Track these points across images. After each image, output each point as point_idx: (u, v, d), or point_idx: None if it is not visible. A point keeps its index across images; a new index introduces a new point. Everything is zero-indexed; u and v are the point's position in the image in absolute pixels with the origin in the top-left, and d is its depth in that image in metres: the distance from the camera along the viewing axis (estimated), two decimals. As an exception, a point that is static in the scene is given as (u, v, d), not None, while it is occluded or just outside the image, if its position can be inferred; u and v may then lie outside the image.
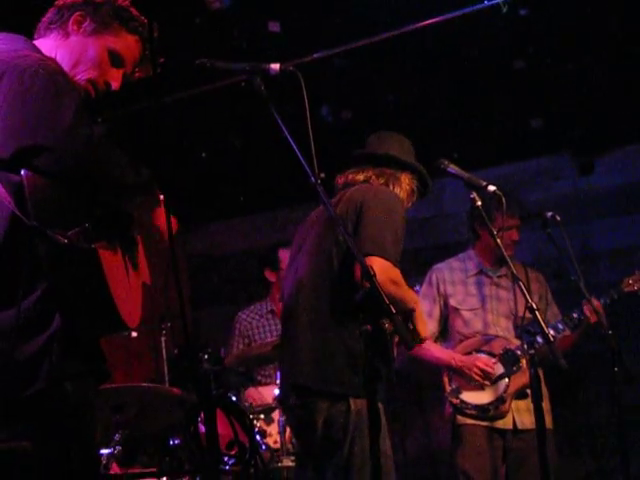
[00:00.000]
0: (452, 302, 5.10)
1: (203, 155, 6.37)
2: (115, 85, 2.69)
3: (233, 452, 3.66)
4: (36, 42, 2.66)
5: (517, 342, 4.89)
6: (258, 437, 4.81)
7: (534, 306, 3.37)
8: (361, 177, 3.65)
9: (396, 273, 3.32)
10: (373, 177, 3.64)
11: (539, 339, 4.41)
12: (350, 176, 3.69)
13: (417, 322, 3.39)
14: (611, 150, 6.36)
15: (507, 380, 4.87)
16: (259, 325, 6.05)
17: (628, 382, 4.19)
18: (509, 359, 4.87)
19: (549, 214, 4.59)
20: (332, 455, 3.32)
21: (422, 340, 3.42)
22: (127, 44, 2.70)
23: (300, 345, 3.42)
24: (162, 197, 2.67)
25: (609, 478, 5.89)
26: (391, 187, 3.61)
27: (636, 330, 5.89)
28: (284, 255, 6.01)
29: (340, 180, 3.73)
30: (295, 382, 3.42)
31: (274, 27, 5.08)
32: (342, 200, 3.55)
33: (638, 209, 6.25)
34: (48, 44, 2.65)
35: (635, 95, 5.64)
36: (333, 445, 3.31)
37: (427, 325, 5.01)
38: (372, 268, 2.59)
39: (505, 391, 4.85)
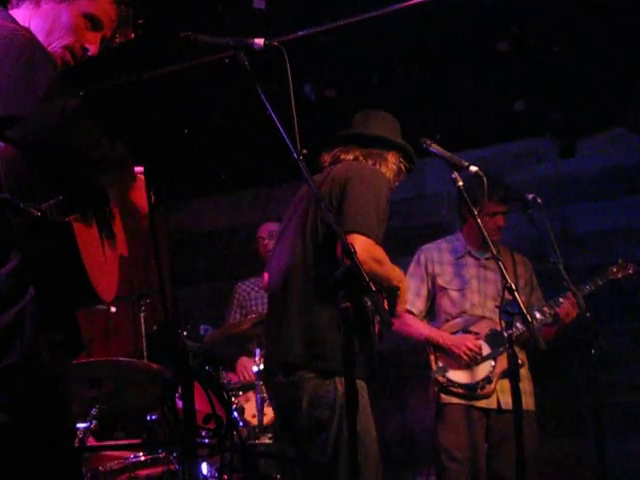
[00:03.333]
0: (440, 282, 5.14)
1: (185, 131, 6.34)
2: (93, 50, 2.65)
3: (210, 426, 3.66)
4: (10, 12, 2.63)
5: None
6: (236, 414, 4.82)
7: (513, 286, 3.38)
8: (350, 157, 3.64)
9: (379, 251, 3.31)
10: (361, 157, 3.63)
11: (517, 320, 4.44)
12: (337, 154, 3.67)
13: (398, 300, 3.39)
14: (593, 133, 6.38)
15: (493, 361, 4.90)
16: (257, 297, 6.08)
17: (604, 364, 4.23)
18: (495, 340, 4.90)
19: (530, 196, 4.60)
20: (317, 434, 3.29)
21: (396, 317, 3.43)
22: (101, 6, 2.65)
23: (288, 322, 3.39)
24: (141, 171, 2.66)
25: (585, 459, 5.95)
26: (378, 167, 3.60)
27: (614, 313, 5.94)
28: (262, 227, 6.09)
29: (326, 158, 3.71)
30: (283, 359, 3.40)
31: (259, 3, 5.04)
32: (328, 178, 3.54)
33: (619, 193, 6.28)
34: (21, 14, 2.61)
35: (617, 79, 5.65)
36: (318, 424, 3.28)
37: (415, 304, 5.06)
38: (353, 245, 2.59)
39: (492, 371, 4.89)
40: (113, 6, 2.68)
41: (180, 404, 3.92)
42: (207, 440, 3.93)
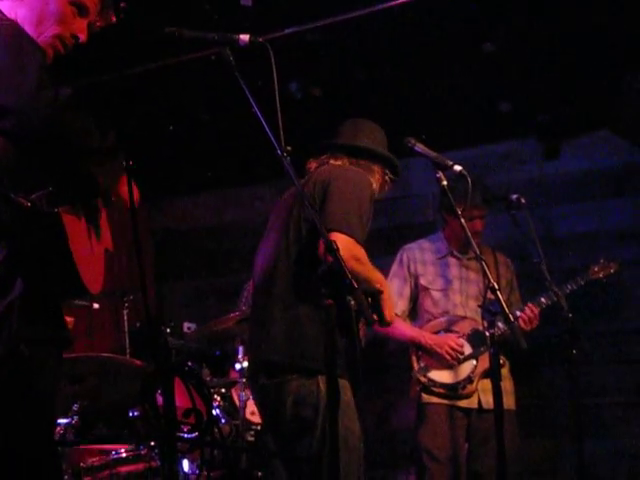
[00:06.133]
0: (422, 281, 5.15)
1: (171, 128, 6.32)
2: (83, 37, 2.64)
3: (190, 421, 3.65)
4: None
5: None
6: (218, 411, 4.82)
7: (495, 286, 3.39)
8: (338, 163, 3.65)
9: (360, 251, 3.31)
10: (348, 165, 3.64)
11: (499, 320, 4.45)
12: (325, 161, 3.68)
13: (384, 304, 3.37)
14: (577, 135, 6.40)
15: (475, 361, 4.92)
16: None
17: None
18: (477, 340, 4.92)
19: (514, 196, 4.62)
20: (302, 435, 3.29)
21: (388, 324, 3.41)
22: None
23: (271, 321, 3.39)
24: (127, 165, 2.65)
25: (564, 459, 5.97)
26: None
27: (595, 313, 5.96)
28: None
29: (313, 164, 3.71)
30: (266, 359, 3.39)
31: (246, 1, 5.04)
32: (311, 179, 3.55)
33: (602, 195, 6.31)
34: (6, 5, 2.59)
35: (602, 81, 5.67)
36: (303, 425, 3.28)
37: (397, 304, 5.06)
38: (335, 243, 2.60)
39: (473, 371, 4.91)
40: None
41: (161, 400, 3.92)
42: (186, 435, 3.93)
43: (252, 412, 4.97)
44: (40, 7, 2.58)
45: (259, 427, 4.90)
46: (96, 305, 4.93)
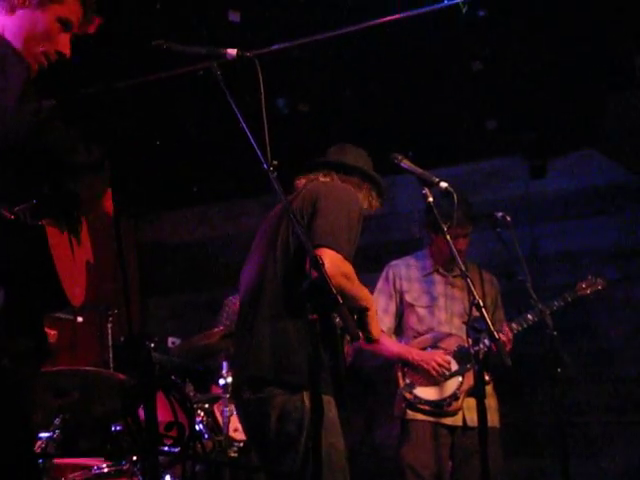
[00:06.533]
0: (407, 298, 5.14)
1: (157, 143, 6.32)
2: (67, 52, 2.66)
3: (172, 434, 3.64)
4: None
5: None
6: (201, 426, 4.80)
7: (480, 303, 3.39)
8: (327, 179, 3.65)
9: (348, 267, 3.27)
10: (337, 182, 3.64)
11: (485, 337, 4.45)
12: (313, 178, 3.67)
13: (371, 322, 3.35)
14: (563, 154, 6.43)
15: (460, 378, 4.91)
16: None
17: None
18: (463, 357, 4.91)
19: (499, 214, 4.63)
20: (286, 451, 3.25)
21: (374, 341, 3.41)
22: (71, 7, 2.66)
23: (257, 335, 3.36)
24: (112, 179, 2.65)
25: (549, 477, 5.97)
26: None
27: (579, 331, 5.98)
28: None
29: (302, 181, 3.71)
30: (250, 374, 3.36)
31: (234, 17, 5.05)
32: (299, 195, 3.54)
33: (588, 213, 6.34)
34: None
35: (588, 100, 5.71)
36: (288, 441, 3.24)
37: (383, 320, 5.06)
38: (321, 258, 2.59)
39: (459, 388, 4.90)
40: (80, 6, 2.69)
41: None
42: (167, 448, 3.90)
43: (235, 429, 4.94)
44: (29, 25, 2.59)
45: (242, 444, 4.87)
46: (80, 318, 4.91)
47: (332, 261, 3.12)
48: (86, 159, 2.41)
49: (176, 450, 3.77)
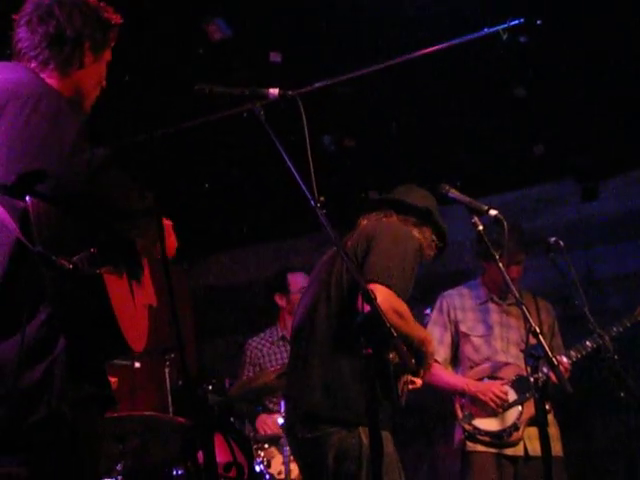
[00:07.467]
0: (462, 328, 5.10)
1: (206, 186, 6.38)
2: (104, 84, 2.74)
3: (231, 474, 3.63)
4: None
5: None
6: (262, 467, 4.77)
7: (537, 329, 3.35)
8: (386, 219, 3.64)
9: (400, 304, 3.26)
10: (396, 221, 3.63)
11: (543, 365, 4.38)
12: (375, 217, 3.67)
13: (426, 363, 3.38)
14: (614, 176, 6.36)
15: (520, 407, 4.84)
16: (270, 352, 5.94)
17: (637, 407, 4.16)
18: (522, 386, 4.84)
19: (552, 239, 4.57)
20: None
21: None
22: (111, 45, 2.74)
23: (310, 372, 3.36)
24: (169, 223, 2.68)
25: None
26: (410, 229, 3.60)
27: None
28: (293, 279, 5.98)
29: (364, 221, 3.70)
30: (304, 411, 3.35)
31: (275, 57, 5.09)
32: (355, 232, 3.55)
33: (641, 235, 6.25)
34: (54, 83, 2.59)
35: (637, 120, 5.65)
36: (347, 479, 3.23)
37: (439, 351, 5.00)
38: (373, 292, 2.57)
39: (518, 418, 4.83)
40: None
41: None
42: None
43: (279, 472, 4.91)
44: (89, 80, 2.66)
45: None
46: (137, 364, 4.94)
47: (384, 297, 3.10)
48: (140, 205, 2.43)
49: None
